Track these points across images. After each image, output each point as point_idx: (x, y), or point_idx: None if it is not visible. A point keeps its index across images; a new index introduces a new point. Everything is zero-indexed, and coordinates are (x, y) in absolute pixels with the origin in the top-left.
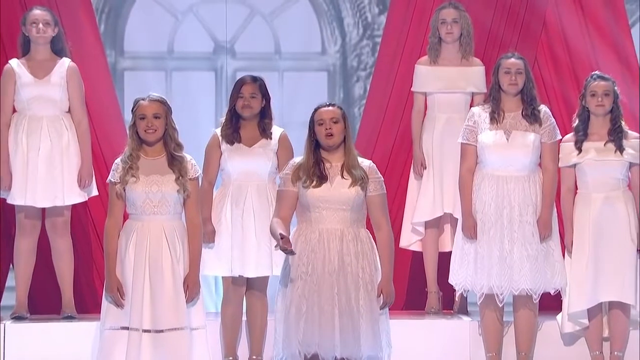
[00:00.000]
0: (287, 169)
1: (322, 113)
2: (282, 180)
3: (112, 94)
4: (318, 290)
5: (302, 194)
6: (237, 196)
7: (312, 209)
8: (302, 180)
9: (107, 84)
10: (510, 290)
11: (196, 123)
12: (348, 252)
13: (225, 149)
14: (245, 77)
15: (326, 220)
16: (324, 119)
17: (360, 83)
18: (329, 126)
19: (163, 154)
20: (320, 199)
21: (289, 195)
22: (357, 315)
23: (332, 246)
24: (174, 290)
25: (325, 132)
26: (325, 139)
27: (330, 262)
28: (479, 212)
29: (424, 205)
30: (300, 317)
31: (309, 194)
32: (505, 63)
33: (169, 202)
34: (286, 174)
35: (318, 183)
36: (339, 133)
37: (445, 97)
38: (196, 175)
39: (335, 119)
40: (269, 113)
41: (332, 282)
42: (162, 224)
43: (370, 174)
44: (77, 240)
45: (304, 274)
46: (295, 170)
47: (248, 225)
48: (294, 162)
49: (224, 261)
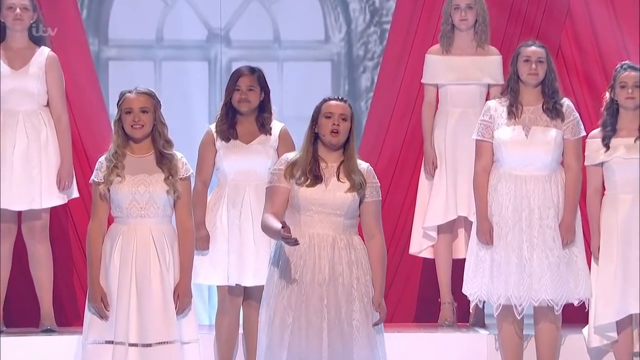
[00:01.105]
0: (279, 164)
1: (332, 106)
2: (274, 175)
3: (95, 86)
4: (306, 301)
5: (293, 193)
6: (233, 198)
7: (302, 211)
8: (296, 177)
9: (90, 75)
10: (529, 301)
11: (188, 118)
12: (340, 260)
13: (220, 146)
14: (242, 68)
15: (317, 224)
16: (333, 112)
17: (366, 74)
18: (337, 122)
19: (151, 152)
20: (313, 201)
21: (280, 192)
22: (348, 330)
23: (322, 253)
24: (163, 301)
25: (332, 128)
26: (330, 135)
27: (320, 271)
28: (495, 215)
29: (435, 208)
30: (285, 329)
31: (302, 193)
32: (525, 51)
33: (158, 203)
34: (278, 170)
35: (312, 183)
36: (345, 132)
37: (459, 89)
38: (187, 175)
39: (344, 116)
40: (268, 107)
41: (322, 293)
42: (150, 228)
43: (367, 178)
44: (57, 245)
45: (290, 283)
46: (289, 165)
47: (246, 229)
48: (287, 157)
49: (220, 269)
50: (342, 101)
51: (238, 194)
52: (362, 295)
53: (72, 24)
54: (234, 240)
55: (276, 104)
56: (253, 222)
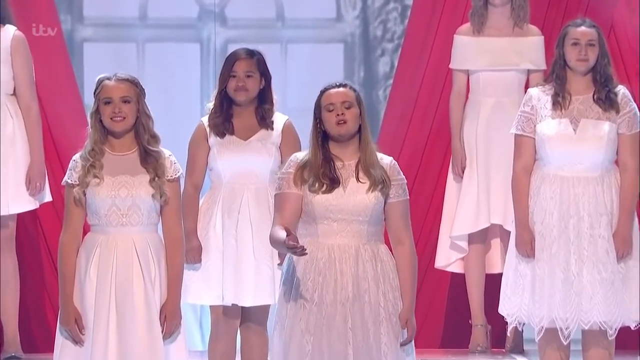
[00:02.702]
0: (288, 167)
1: (331, 96)
2: (283, 180)
3: (69, 72)
4: (327, 324)
5: (307, 201)
6: (229, 203)
7: (319, 220)
8: (310, 183)
9: (62, 59)
10: (578, 324)
11: (177, 110)
12: (365, 275)
13: (214, 142)
14: (239, 50)
15: (337, 234)
16: (334, 103)
17: (385, 58)
18: (341, 111)
19: (134, 149)
20: (331, 208)
21: (291, 200)
22: (377, 356)
23: (345, 268)
24: (147, 323)
25: (337, 119)
26: (336, 127)
27: (342, 289)
28: (537, 223)
29: (466, 215)
30: (304, 357)
31: (317, 201)
32: (573, 32)
33: (142, 209)
34: (287, 173)
35: (329, 187)
36: (353, 119)
37: (493, 76)
38: (177, 176)
39: (348, 103)
40: (269, 97)
41: (346, 313)
42: (132, 238)
43: (391, 174)
44: (24, 259)
45: (308, 303)
46: (299, 169)
47: (244, 240)
48: (297, 158)
49: (213, 286)
50: (342, 86)
51: (235, 198)
52: (389, 315)
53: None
54: (230, 253)
55: (279, 93)
56: (252, 231)
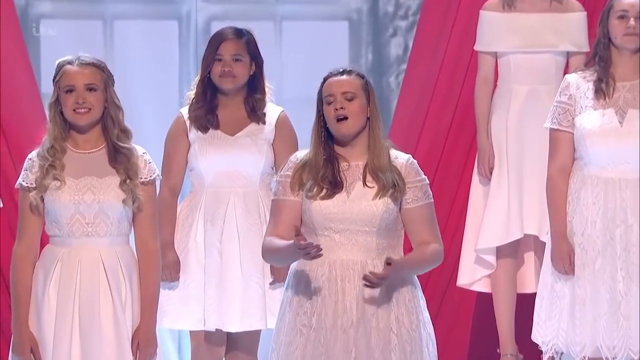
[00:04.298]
0: (286, 168)
1: (331, 85)
2: (279, 185)
3: (22, 56)
4: (326, 353)
5: (305, 208)
6: (213, 210)
7: (319, 230)
8: (307, 187)
9: (14, 39)
10: (626, 353)
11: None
12: (373, 297)
13: (195, 138)
14: (225, 30)
15: (340, 248)
16: (333, 94)
17: (398, 38)
18: (340, 104)
19: (101, 146)
20: (332, 216)
21: (289, 207)
22: None
23: (348, 287)
24: (116, 351)
25: (336, 114)
26: (335, 124)
27: (345, 312)
28: (577, 233)
29: (494, 224)
30: None
31: (316, 208)
32: (619, 3)
33: (111, 218)
34: (285, 176)
35: (329, 192)
36: (356, 115)
37: (527, 59)
38: (152, 178)
39: (350, 93)
40: (260, 84)
41: (348, 341)
42: (99, 252)
43: (407, 175)
44: None
45: (305, 328)
46: (297, 170)
47: (230, 253)
48: (297, 158)
49: (194, 308)
50: (346, 73)
51: (219, 204)
52: (403, 344)
53: None
54: (213, 269)
55: (273, 80)
56: (240, 243)
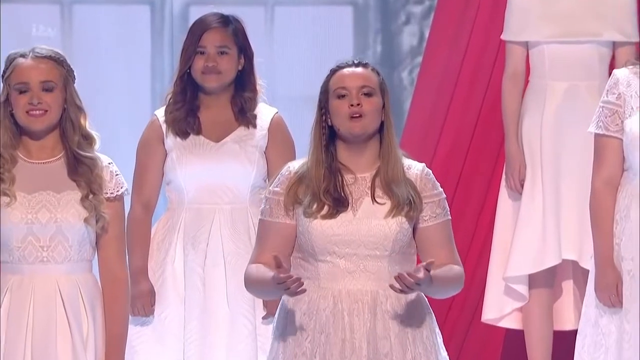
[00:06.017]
0: (276, 184)
1: (345, 78)
2: (268, 203)
3: None
4: None
5: (303, 230)
6: (195, 230)
7: (320, 255)
8: (306, 203)
9: None
10: None
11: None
12: (386, 333)
13: (173, 145)
14: (209, 17)
15: (346, 276)
16: (347, 87)
17: (411, 27)
18: (357, 100)
19: (59, 155)
20: (336, 238)
21: (278, 230)
22: None
23: (357, 323)
24: None
25: (351, 112)
26: (349, 121)
27: (354, 352)
28: (626, 258)
29: (526, 248)
30: None
31: (316, 229)
32: None
33: (70, 240)
34: (274, 193)
35: (332, 210)
36: (373, 114)
37: (565, 50)
38: (119, 192)
39: (368, 88)
40: (250, 81)
41: None
42: (56, 280)
43: (423, 188)
44: None
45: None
46: (293, 184)
47: (215, 282)
48: (290, 170)
49: (171, 347)
50: (362, 66)
51: (202, 224)
52: None
53: None
54: (194, 301)
55: (265, 76)
56: (226, 270)
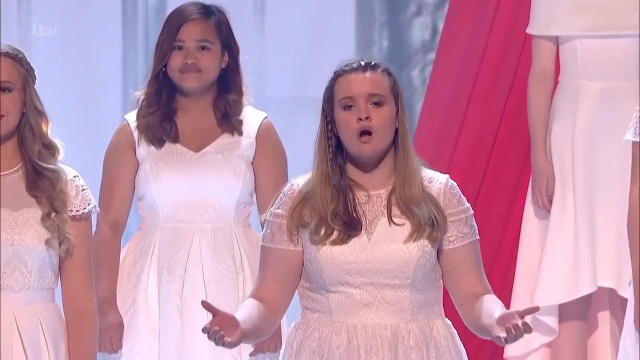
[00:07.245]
0: (278, 204)
1: (352, 86)
2: (269, 227)
3: None
4: None
5: (310, 257)
6: (171, 253)
7: (331, 286)
8: (312, 228)
9: None
10: None
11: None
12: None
13: (146, 155)
14: (188, 7)
15: (362, 308)
16: (354, 97)
17: (423, 18)
18: (366, 114)
19: (17, 166)
20: (349, 267)
21: (280, 258)
22: None
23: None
24: None
25: (359, 127)
26: (357, 141)
27: None
28: None
29: (555, 274)
30: None
31: (326, 256)
32: None
33: (29, 266)
34: (277, 216)
35: (344, 235)
36: (384, 128)
37: (599, 46)
38: (86, 210)
39: (378, 97)
40: (236, 81)
41: None
42: (13, 312)
43: (448, 204)
44: None
45: None
46: (296, 206)
47: (194, 312)
48: (293, 188)
49: None
50: (370, 68)
51: (179, 246)
52: None
53: None
54: (170, 334)
55: (253, 75)
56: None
